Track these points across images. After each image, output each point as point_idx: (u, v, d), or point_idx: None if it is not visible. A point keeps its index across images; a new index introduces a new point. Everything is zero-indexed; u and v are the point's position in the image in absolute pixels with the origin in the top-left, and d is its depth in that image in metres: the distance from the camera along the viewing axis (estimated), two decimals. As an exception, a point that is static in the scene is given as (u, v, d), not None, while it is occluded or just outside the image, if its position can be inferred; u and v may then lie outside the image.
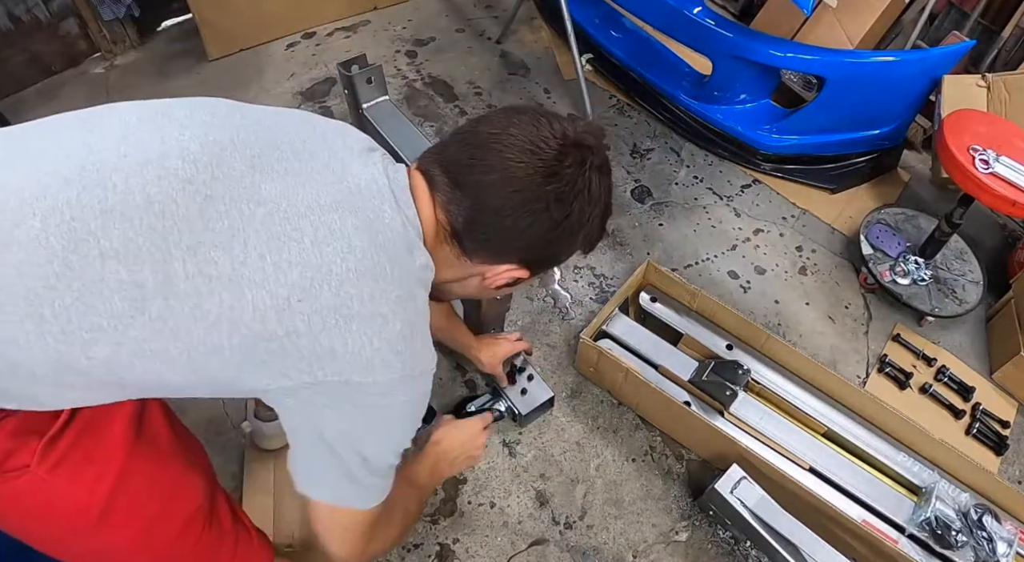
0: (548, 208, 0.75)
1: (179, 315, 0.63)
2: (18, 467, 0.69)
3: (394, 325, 0.69)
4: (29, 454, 0.69)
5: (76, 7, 2.29)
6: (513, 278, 0.83)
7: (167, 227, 0.63)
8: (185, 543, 0.83)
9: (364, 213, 0.70)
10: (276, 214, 0.66)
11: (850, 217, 2.23)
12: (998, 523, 1.43)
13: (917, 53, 2.23)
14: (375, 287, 0.68)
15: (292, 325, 0.65)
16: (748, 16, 2.87)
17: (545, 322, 1.82)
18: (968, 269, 2.02)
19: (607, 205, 0.82)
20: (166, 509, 0.80)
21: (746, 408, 1.57)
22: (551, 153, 0.74)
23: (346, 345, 0.67)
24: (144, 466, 0.78)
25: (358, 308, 0.67)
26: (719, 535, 1.49)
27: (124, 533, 0.77)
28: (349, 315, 0.66)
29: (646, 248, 2.04)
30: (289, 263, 0.64)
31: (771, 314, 1.93)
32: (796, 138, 2.24)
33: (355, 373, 0.67)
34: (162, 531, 0.80)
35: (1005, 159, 1.65)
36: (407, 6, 2.83)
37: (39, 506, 0.71)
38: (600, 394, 1.68)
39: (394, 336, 0.69)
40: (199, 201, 0.64)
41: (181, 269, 0.63)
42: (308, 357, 0.66)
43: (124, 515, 0.76)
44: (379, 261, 0.68)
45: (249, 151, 0.69)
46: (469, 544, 1.42)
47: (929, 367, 1.87)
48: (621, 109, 2.48)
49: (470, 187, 0.75)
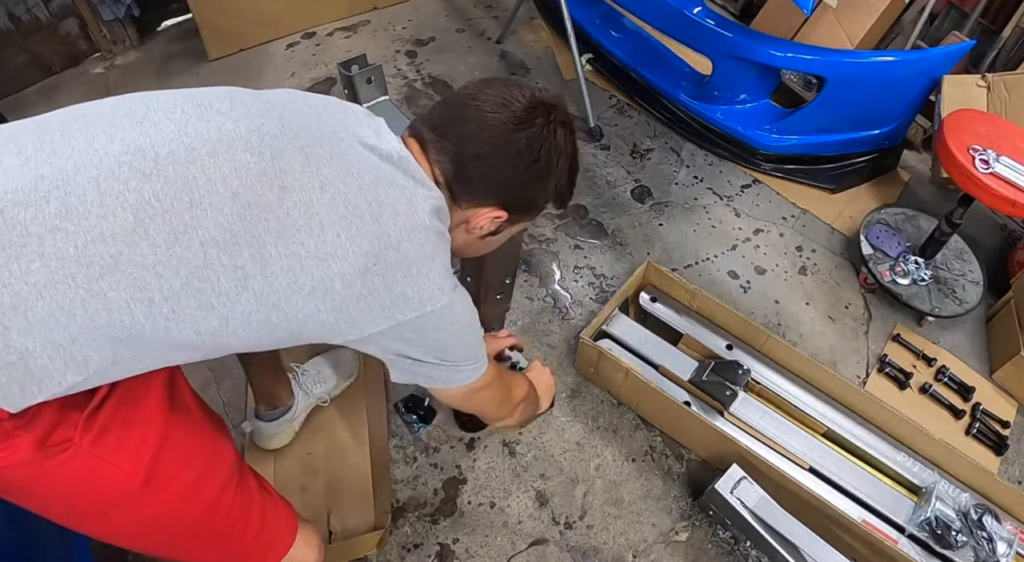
0: (520, 152, 0.88)
1: (279, 289, 0.74)
2: (62, 441, 0.72)
3: (437, 260, 0.84)
4: (72, 427, 0.72)
5: (76, 7, 2.29)
6: (493, 221, 0.94)
7: (255, 216, 0.72)
8: (221, 506, 0.87)
9: (396, 181, 0.82)
10: (338, 197, 0.77)
11: (850, 217, 2.23)
12: (998, 523, 1.43)
13: (917, 53, 2.23)
14: (420, 237, 0.82)
15: (372, 285, 0.78)
16: (748, 16, 2.87)
17: (545, 322, 1.82)
18: (968, 269, 2.02)
19: (573, 159, 0.96)
20: (205, 473, 0.85)
21: (746, 408, 1.57)
22: (521, 107, 0.87)
23: (413, 288, 0.81)
24: (181, 432, 0.84)
25: (415, 256, 0.81)
26: (719, 535, 1.49)
27: (166, 498, 0.81)
28: (410, 264, 0.80)
29: (646, 248, 2.04)
30: (360, 236, 0.77)
31: (771, 314, 1.93)
32: (796, 138, 2.24)
33: (424, 305, 0.82)
34: (202, 494, 0.84)
35: (1005, 159, 1.65)
36: (407, 6, 2.83)
37: (84, 479, 0.74)
38: (600, 394, 1.68)
39: (440, 268, 0.84)
40: (276, 192, 0.74)
41: (274, 251, 0.73)
42: (389, 306, 0.80)
43: (167, 480, 0.80)
44: (417, 217, 0.82)
45: (297, 141, 0.78)
46: (469, 544, 1.42)
47: (929, 367, 1.87)
48: (621, 109, 2.48)
49: (453, 137, 0.88)
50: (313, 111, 0.85)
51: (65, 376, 0.68)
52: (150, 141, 0.71)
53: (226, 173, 0.72)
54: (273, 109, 0.81)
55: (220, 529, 0.88)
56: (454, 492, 1.49)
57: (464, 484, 1.50)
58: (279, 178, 0.75)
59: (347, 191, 0.77)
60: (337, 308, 0.78)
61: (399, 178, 0.83)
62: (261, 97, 0.83)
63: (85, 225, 0.66)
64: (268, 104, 0.82)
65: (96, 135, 0.71)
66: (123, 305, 0.68)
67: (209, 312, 0.72)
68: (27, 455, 0.69)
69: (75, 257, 0.65)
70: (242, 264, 0.72)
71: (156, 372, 0.81)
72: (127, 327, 0.68)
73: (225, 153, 0.73)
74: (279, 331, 0.78)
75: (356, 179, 0.79)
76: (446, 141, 0.88)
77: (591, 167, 2.25)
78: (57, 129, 0.72)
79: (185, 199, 0.70)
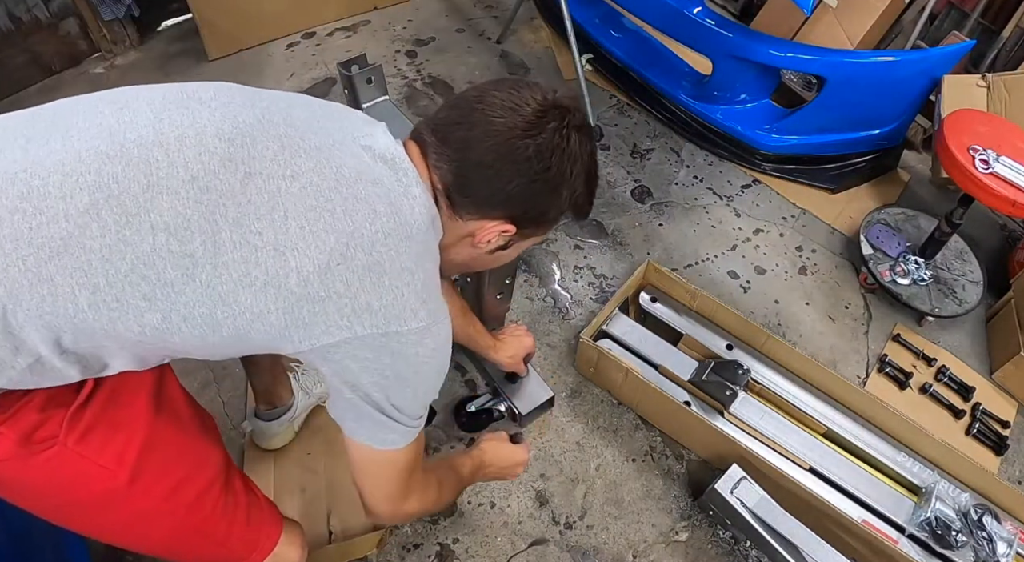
0: (528, 160, 0.80)
1: (228, 282, 0.68)
2: (47, 438, 0.71)
3: (418, 276, 0.76)
4: (57, 425, 0.72)
5: (76, 7, 2.29)
6: (501, 235, 0.87)
7: (212, 201, 0.68)
8: (204, 508, 0.86)
9: (381, 181, 0.76)
10: (309, 188, 0.71)
11: (850, 217, 2.23)
12: (998, 523, 1.43)
13: (917, 53, 2.23)
14: (400, 245, 0.74)
15: (333, 287, 0.71)
16: (748, 16, 2.87)
17: (545, 322, 1.82)
18: (968, 269, 2.02)
19: (591, 166, 0.87)
20: (189, 474, 0.84)
21: (746, 408, 1.57)
22: (531, 110, 0.80)
23: (381, 299, 0.73)
24: (168, 433, 0.83)
25: (388, 265, 0.73)
26: (719, 535, 1.49)
27: (150, 498, 0.80)
28: (381, 272, 0.73)
29: (646, 248, 2.04)
30: (326, 231, 0.70)
31: (771, 314, 1.93)
32: (796, 138, 2.24)
33: (390, 323, 0.74)
34: (185, 496, 0.84)
35: (1005, 159, 1.65)
36: (407, 6, 2.83)
37: (69, 477, 0.74)
38: (600, 394, 1.68)
39: (419, 286, 0.76)
40: (240, 177, 0.69)
41: (228, 239, 0.68)
42: (348, 314, 0.72)
43: (151, 480, 0.79)
44: (400, 222, 0.75)
45: (275, 130, 0.74)
46: (469, 544, 1.42)
47: (929, 367, 1.87)
48: (621, 109, 2.48)
49: (456, 143, 0.81)
50: (308, 108, 0.81)
51: (16, 360, 0.67)
52: (123, 127, 0.70)
53: (189, 156, 0.69)
54: (260, 101, 0.77)
55: (204, 529, 0.88)
56: (454, 492, 1.49)
57: (464, 484, 1.50)
58: (246, 163, 0.70)
59: (321, 182, 0.72)
60: (289, 309, 0.70)
61: (387, 177, 0.77)
62: (254, 91, 0.80)
63: (42, 206, 0.64)
64: (256, 96, 0.79)
65: (76, 123, 0.70)
66: (68, 291, 0.65)
67: (152, 303, 0.67)
68: (11, 451, 0.70)
69: (28, 238, 0.63)
70: (192, 251, 0.67)
71: (146, 371, 0.80)
72: (71, 316, 0.66)
73: (194, 138, 0.70)
74: (224, 330, 0.71)
75: (335, 171, 0.73)
76: (447, 147, 0.81)
77: (591, 167, 2.24)
78: (49, 117, 0.72)
79: (143, 181, 0.66)
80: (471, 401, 1.53)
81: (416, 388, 0.81)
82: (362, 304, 0.72)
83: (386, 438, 0.83)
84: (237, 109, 0.74)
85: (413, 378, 0.80)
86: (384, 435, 0.83)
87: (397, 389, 0.79)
